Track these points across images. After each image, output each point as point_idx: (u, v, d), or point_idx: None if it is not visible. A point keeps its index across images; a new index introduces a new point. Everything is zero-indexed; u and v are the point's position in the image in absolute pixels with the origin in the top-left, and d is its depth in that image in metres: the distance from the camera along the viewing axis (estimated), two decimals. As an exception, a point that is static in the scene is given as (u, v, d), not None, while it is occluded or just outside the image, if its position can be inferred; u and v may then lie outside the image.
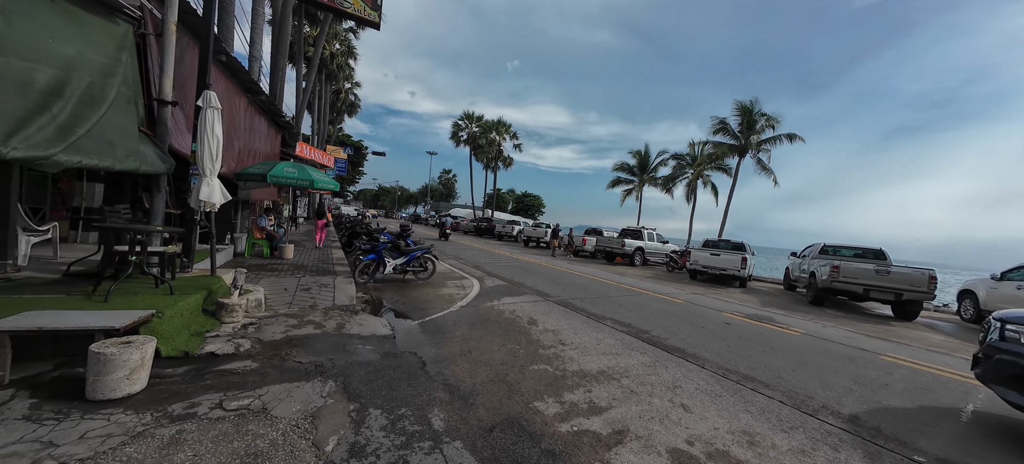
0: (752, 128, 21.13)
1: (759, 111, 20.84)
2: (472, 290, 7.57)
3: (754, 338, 5.61)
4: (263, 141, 9.71)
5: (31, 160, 2.31)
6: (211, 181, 4.48)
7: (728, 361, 4.45)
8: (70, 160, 2.61)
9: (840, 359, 4.97)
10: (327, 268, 7.95)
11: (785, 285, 12.47)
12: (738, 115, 21.62)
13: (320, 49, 22.85)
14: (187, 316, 3.51)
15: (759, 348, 5.11)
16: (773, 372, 4.22)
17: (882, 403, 3.64)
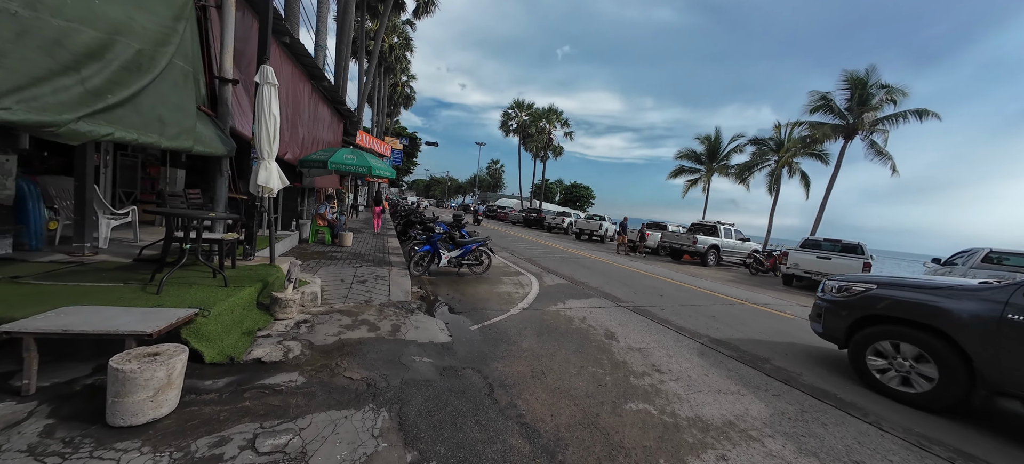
0: (866, 104, 17.41)
1: (877, 82, 17.06)
2: (531, 289, 6.81)
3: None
4: (326, 129, 9.81)
5: (34, 126, 1.96)
6: (269, 165, 4.19)
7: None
8: (96, 131, 2.28)
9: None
10: (383, 258, 7.73)
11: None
12: (846, 88, 17.96)
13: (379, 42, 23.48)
14: (239, 312, 3.18)
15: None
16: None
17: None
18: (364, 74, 23.20)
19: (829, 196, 18.91)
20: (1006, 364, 2.87)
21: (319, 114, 9.17)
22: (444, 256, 7.13)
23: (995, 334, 2.93)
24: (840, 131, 18.07)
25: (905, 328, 3.45)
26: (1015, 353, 2.82)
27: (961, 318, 3.12)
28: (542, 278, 7.97)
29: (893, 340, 3.50)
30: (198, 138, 3.47)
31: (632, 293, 7.27)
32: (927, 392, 3.24)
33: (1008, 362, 2.86)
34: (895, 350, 3.51)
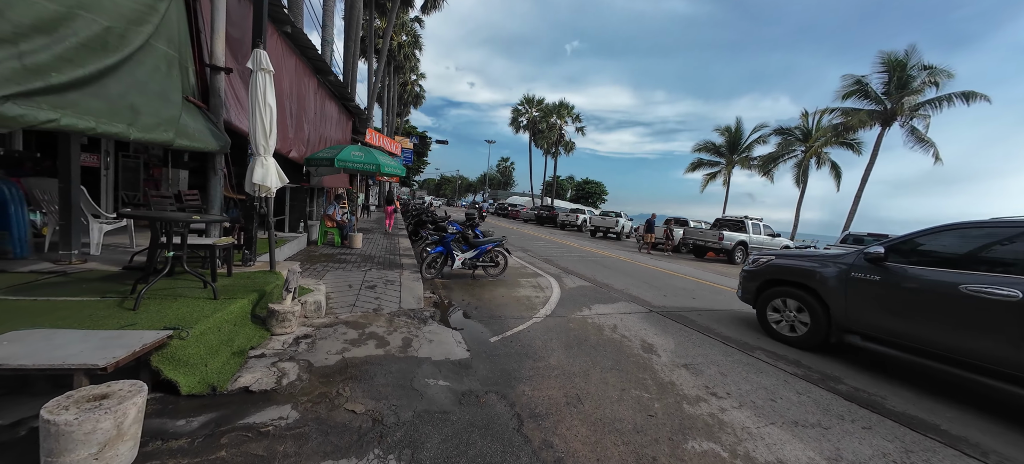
0: (905, 87, 16.17)
1: (917, 64, 15.81)
2: (552, 292, 6.29)
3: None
4: (334, 127, 9.48)
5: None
6: (266, 161, 3.79)
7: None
8: (32, 115, 1.88)
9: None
10: (394, 260, 7.33)
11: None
12: (883, 71, 16.72)
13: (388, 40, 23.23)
14: (229, 329, 2.78)
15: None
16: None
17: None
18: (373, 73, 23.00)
19: (864, 187, 17.71)
20: (850, 310, 3.89)
21: (326, 111, 8.83)
22: (458, 258, 6.68)
23: (843, 288, 3.94)
24: (877, 117, 16.87)
25: (790, 288, 4.52)
26: (855, 302, 3.86)
27: (823, 277, 4.15)
28: (562, 280, 7.44)
29: (783, 297, 4.58)
30: (182, 131, 3.07)
31: (662, 296, 6.67)
32: (803, 335, 4.32)
33: (851, 309, 3.89)
34: (784, 305, 4.58)
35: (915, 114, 16.22)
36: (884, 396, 3.29)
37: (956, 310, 3.17)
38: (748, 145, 27.12)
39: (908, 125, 16.73)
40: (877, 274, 3.75)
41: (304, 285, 4.25)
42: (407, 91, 42.19)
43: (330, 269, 5.94)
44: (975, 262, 3.28)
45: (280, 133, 5.97)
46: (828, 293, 4.08)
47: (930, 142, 16.18)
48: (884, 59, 16.69)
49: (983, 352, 3.04)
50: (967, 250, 3.39)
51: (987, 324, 3.02)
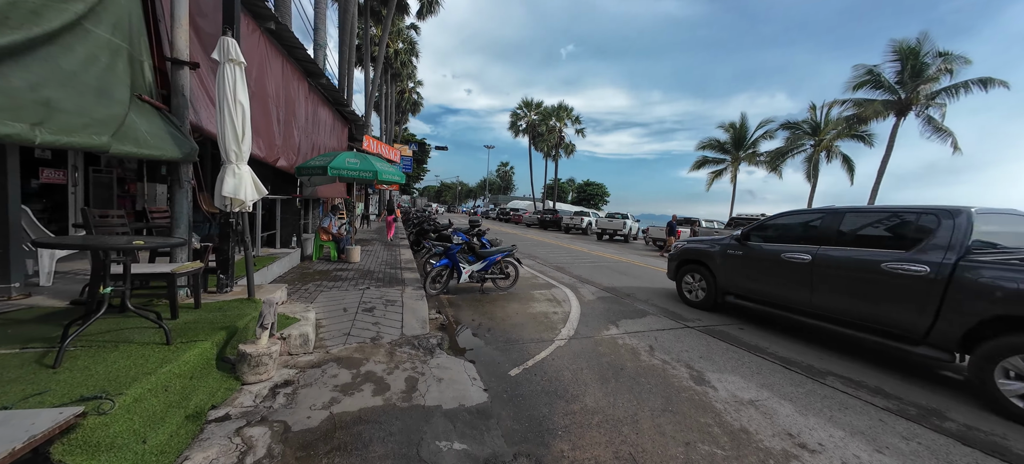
0: (920, 75, 15.59)
1: (933, 51, 15.25)
2: (570, 307, 5.65)
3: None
4: (328, 134, 8.92)
5: None
6: (239, 169, 3.19)
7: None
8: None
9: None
10: (394, 275, 6.71)
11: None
12: (896, 60, 16.16)
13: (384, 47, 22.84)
14: (181, 385, 2.16)
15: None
16: None
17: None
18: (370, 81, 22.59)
19: (881, 180, 17.07)
20: (726, 277, 5.30)
21: (319, 117, 8.27)
22: (464, 271, 6.06)
23: (723, 262, 5.35)
24: (892, 107, 16.26)
25: (694, 265, 5.86)
26: (728, 271, 5.27)
27: (711, 255, 5.54)
28: (579, 290, 6.80)
29: (689, 272, 5.92)
30: (126, 135, 2.47)
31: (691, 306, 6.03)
32: (702, 299, 5.68)
33: (726, 276, 5.30)
34: (693, 278, 5.88)
35: (931, 103, 15.63)
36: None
37: (780, 271, 4.63)
38: (754, 141, 26.55)
39: (924, 114, 16.12)
40: (740, 250, 5.21)
41: (290, 312, 3.64)
42: (405, 99, 41.86)
43: (324, 289, 5.32)
44: (791, 237, 4.74)
45: (266, 140, 5.39)
46: (715, 266, 5.55)
47: (948, 131, 15.55)
48: (896, 47, 16.13)
49: (794, 299, 4.45)
50: (788, 229, 4.90)
51: (794, 279, 4.45)
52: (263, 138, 5.29)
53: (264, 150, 5.32)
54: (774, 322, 5.25)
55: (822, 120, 21.48)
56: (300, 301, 4.57)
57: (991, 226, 3.57)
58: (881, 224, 4.11)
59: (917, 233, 3.66)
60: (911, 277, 3.45)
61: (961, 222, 3.41)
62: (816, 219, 4.60)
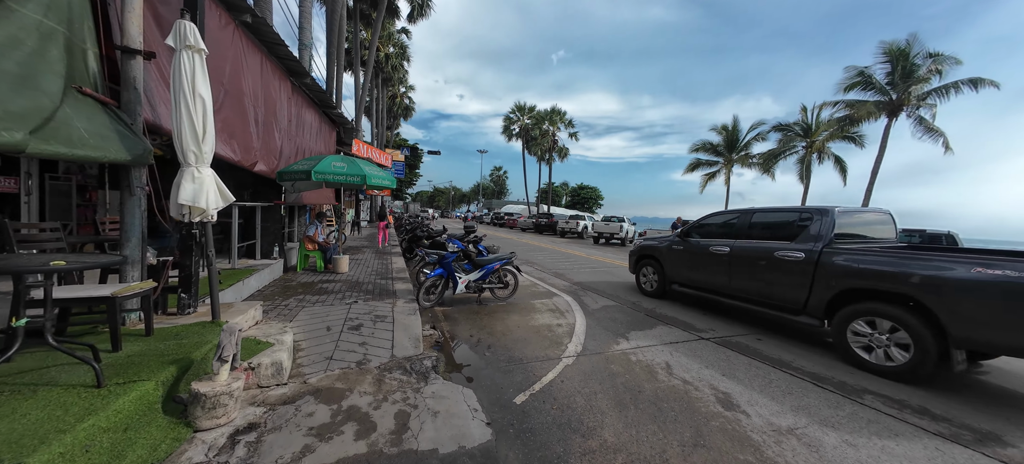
0: (910, 76, 15.72)
1: (923, 52, 15.40)
2: (575, 317, 5.28)
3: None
4: (314, 137, 8.46)
5: None
6: (199, 173, 2.77)
7: None
8: None
9: None
10: (385, 286, 6.26)
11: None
12: (886, 62, 16.29)
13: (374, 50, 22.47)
14: (110, 442, 1.72)
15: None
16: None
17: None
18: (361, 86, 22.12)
19: (875, 180, 17.13)
20: (671, 268, 6.21)
21: (304, 119, 7.82)
22: (460, 281, 5.65)
23: (668, 256, 6.28)
24: (884, 108, 16.36)
25: (648, 259, 6.79)
26: (673, 263, 6.18)
27: (660, 249, 6.47)
28: (581, 299, 6.43)
29: (645, 266, 6.85)
30: (54, 133, 2.04)
31: (701, 314, 5.70)
32: (655, 290, 6.59)
33: (672, 268, 6.21)
34: (648, 271, 6.78)
35: (921, 103, 15.77)
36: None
37: (709, 261, 5.48)
38: (746, 143, 26.69)
39: (915, 115, 16.27)
40: (682, 246, 6.08)
41: (262, 336, 3.19)
42: (396, 103, 41.41)
43: (306, 304, 4.85)
44: (717, 233, 5.64)
45: (242, 142, 4.95)
46: (663, 260, 6.40)
47: (940, 131, 15.69)
48: (886, 49, 16.28)
49: (719, 284, 5.30)
50: (715, 226, 5.79)
51: (719, 267, 5.31)
52: (238, 140, 4.85)
53: (239, 153, 4.87)
54: (795, 333, 4.93)
55: (813, 122, 21.64)
56: (278, 320, 4.11)
57: (853, 219, 4.63)
58: (778, 221, 5.00)
59: (799, 227, 4.65)
60: (793, 261, 4.44)
61: (827, 219, 4.37)
62: (734, 218, 5.59)
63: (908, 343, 3.41)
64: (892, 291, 3.58)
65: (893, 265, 3.64)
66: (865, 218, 4.93)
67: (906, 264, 3.56)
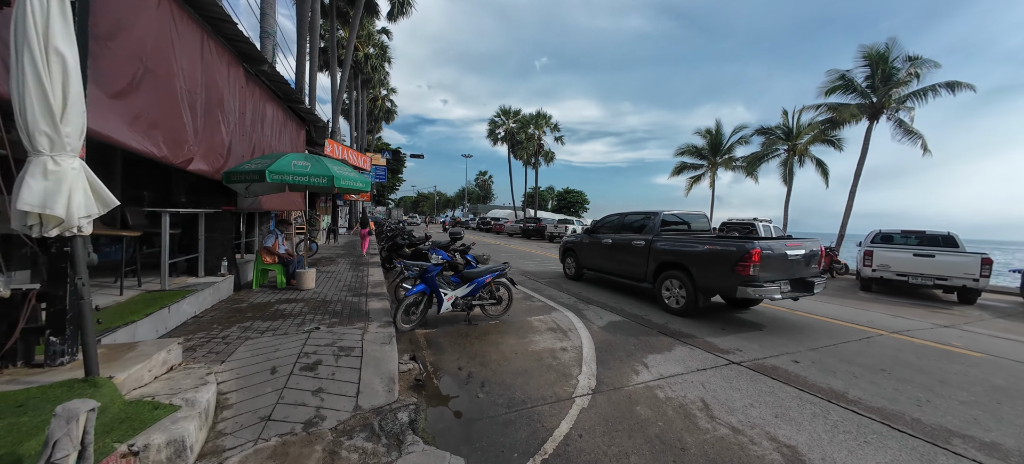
0: (889, 80, 15.99)
1: (902, 56, 15.70)
2: (580, 338, 4.55)
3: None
4: (276, 135, 7.46)
5: None
6: (56, 166, 1.87)
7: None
8: None
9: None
10: (357, 305, 5.35)
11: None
12: (866, 66, 16.54)
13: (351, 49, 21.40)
14: None
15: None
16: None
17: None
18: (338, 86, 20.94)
19: (858, 181, 17.32)
20: (582, 257, 8.06)
21: (264, 114, 6.83)
22: (446, 298, 4.83)
23: (580, 248, 8.15)
24: (865, 111, 16.58)
25: (569, 252, 8.67)
26: (584, 253, 8.01)
27: (576, 243, 8.40)
28: (584, 314, 5.71)
29: (567, 257, 8.77)
30: None
31: (721, 329, 5.07)
32: (573, 274, 8.52)
33: (582, 257, 8.07)
34: (569, 261, 8.70)
35: (900, 106, 16.06)
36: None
37: (601, 250, 7.41)
38: (729, 146, 26.96)
39: (895, 118, 16.58)
40: (588, 239, 7.93)
41: (169, 394, 2.29)
42: (377, 106, 40.08)
43: (251, 335, 3.90)
44: (608, 229, 7.57)
45: (168, 133, 3.98)
46: (578, 251, 8.25)
47: (918, 134, 16.01)
48: (865, 53, 16.55)
49: (607, 267, 7.25)
50: (605, 226, 7.75)
51: (606, 254, 7.28)
52: (163, 131, 3.89)
53: (165, 148, 3.91)
54: (833, 352, 4.36)
55: (794, 125, 21.96)
56: (205, 361, 3.17)
57: (677, 214, 6.98)
58: (635, 221, 7.16)
59: (643, 224, 6.85)
60: (639, 247, 6.51)
61: (657, 218, 6.57)
62: (615, 219, 7.75)
63: (684, 293, 5.58)
64: (676, 262, 5.74)
65: (678, 246, 5.82)
66: (684, 216, 7.12)
67: (682, 245, 5.78)
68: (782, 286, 5.00)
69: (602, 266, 7.49)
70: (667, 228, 6.61)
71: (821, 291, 5.52)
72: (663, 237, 6.23)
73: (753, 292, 4.78)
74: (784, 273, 5.10)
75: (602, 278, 8.21)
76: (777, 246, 5.07)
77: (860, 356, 4.21)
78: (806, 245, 5.34)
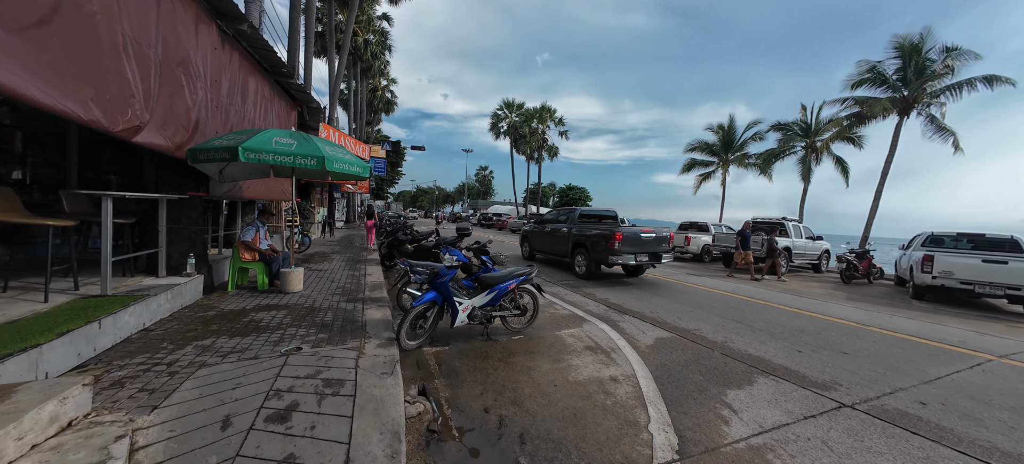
0: (923, 73, 15.04)
1: (937, 46, 14.74)
2: (631, 365, 3.63)
3: None
4: (261, 113, 6.47)
5: None
6: None
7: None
8: None
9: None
10: (351, 315, 4.42)
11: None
12: (897, 57, 15.57)
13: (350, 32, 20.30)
14: None
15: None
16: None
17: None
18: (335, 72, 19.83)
19: (884, 183, 16.42)
20: (533, 243, 10.61)
21: (244, 86, 5.85)
22: (461, 308, 3.90)
23: (531, 236, 10.77)
24: (896, 105, 15.63)
25: (525, 238, 11.27)
26: (534, 240, 10.58)
27: (530, 232, 10.95)
28: (620, 327, 4.80)
29: (524, 242, 11.32)
30: None
31: (795, 350, 4.17)
32: (528, 255, 10.91)
33: (532, 243, 10.65)
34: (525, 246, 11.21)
35: (933, 101, 15.15)
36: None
37: (545, 237, 9.90)
38: (742, 143, 26.02)
39: (926, 113, 15.67)
40: (535, 229, 10.55)
41: None
42: (377, 97, 38.92)
43: (208, 359, 2.96)
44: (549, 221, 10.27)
45: (97, 87, 3.01)
46: (530, 238, 10.76)
47: (950, 130, 15.11)
48: (897, 44, 15.59)
49: (547, 249, 9.85)
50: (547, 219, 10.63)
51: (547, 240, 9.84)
52: (93, 86, 2.92)
53: (98, 110, 2.94)
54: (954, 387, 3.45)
55: (812, 120, 21.04)
56: (133, 402, 2.23)
57: (591, 210, 10.21)
58: (564, 215, 9.78)
59: (568, 216, 9.54)
60: (563, 234, 8.96)
61: (575, 212, 9.45)
62: (552, 214, 10.69)
63: (585, 263, 8.05)
64: (582, 242, 8.17)
65: (583, 231, 8.30)
66: (597, 211, 10.07)
67: (584, 230, 8.31)
68: (639, 256, 7.77)
69: (543, 247, 10.12)
70: (583, 219, 9.41)
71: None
72: (577, 225, 8.92)
73: (616, 258, 7.64)
74: (640, 248, 7.81)
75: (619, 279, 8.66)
76: (634, 231, 7.88)
77: (989, 392, 3.31)
78: (656, 232, 8.14)
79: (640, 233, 7.77)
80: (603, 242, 7.56)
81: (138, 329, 3.37)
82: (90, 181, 5.32)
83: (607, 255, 7.48)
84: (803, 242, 11.82)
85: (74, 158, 5.11)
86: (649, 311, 5.68)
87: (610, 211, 10.02)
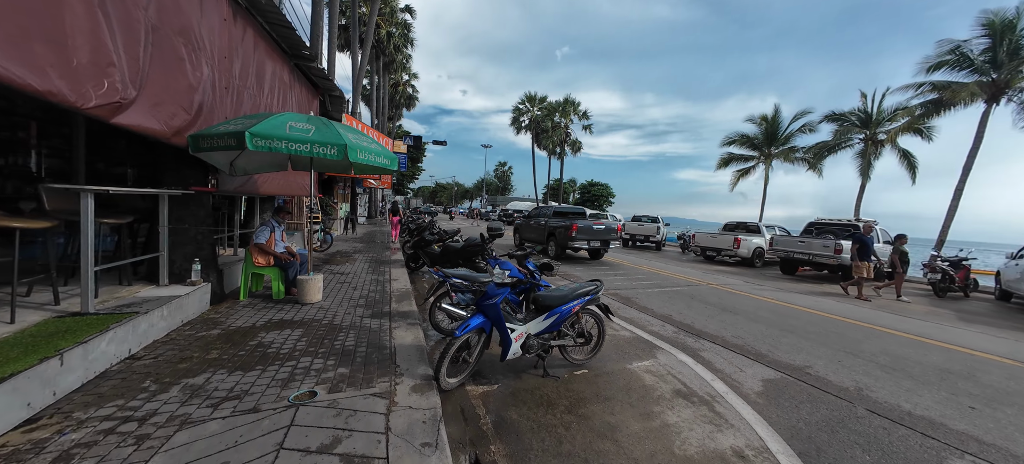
0: (1017, 54, 12.94)
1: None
2: (744, 421, 2.68)
3: None
4: (278, 99, 5.83)
5: None
6: None
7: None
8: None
9: None
10: (377, 334, 3.67)
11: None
12: (985, 35, 13.49)
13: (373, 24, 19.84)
14: None
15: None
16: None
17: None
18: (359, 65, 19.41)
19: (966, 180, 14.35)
20: (523, 234, 12.97)
21: (261, 68, 5.20)
22: (515, 337, 3.05)
23: (522, 227, 13.32)
24: (985, 90, 13.56)
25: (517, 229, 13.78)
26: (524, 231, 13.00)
27: (519, 224, 13.73)
28: (704, 358, 3.82)
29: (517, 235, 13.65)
30: None
31: (965, 405, 3.08)
32: (519, 244, 12.69)
33: (523, 234, 13.00)
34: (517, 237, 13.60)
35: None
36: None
37: (532, 228, 12.33)
38: (787, 135, 23.91)
39: (1019, 99, 13.52)
40: (523, 223, 13.32)
41: None
42: (399, 92, 38.69)
43: (198, 405, 2.25)
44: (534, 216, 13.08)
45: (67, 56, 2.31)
46: (521, 230, 13.21)
47: (1050, 118, 12.97)
48: (986, 21, 13.48)
49: (533, 238, 12.06)
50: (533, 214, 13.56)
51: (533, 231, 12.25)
52: (53, 50, 2.22)
53: (61, 81, 2.25)
54: None
55: (874, 109, 18.87)
56: None
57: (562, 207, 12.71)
58: (544, 209, 12.89)
59: (546, 212, 12.26)
60: (541, 225, 11.70)
61: (549, 209, 12.38)
62: (537, 210, 14.11)
63: (554, 247, 10.90)
64: (553, 232, 10.95)
65: (554, 223, 11.01)
66: (566, 208, 12.37)
67: (554, 223, 11.00)
68: (591, 242, 10.69)
69: (529, 237, 12.23)
70: (556, 215, 11.57)
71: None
72: (551, 220, 11.27)
73: (574, 243, 10.42)
74: (593, 236, 10.65)
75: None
76: (587, 224, 10.69)
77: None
78: (606, 224, 11.37)
79: (593, 225, 10.78)
80: (565, 232, 10.38)
81: (121, 358, 2.71)
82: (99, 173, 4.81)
83: (567, 241, 10.38)
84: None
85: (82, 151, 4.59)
86: (731, 335, 4.65)
87: (579, 209, 12.59)
